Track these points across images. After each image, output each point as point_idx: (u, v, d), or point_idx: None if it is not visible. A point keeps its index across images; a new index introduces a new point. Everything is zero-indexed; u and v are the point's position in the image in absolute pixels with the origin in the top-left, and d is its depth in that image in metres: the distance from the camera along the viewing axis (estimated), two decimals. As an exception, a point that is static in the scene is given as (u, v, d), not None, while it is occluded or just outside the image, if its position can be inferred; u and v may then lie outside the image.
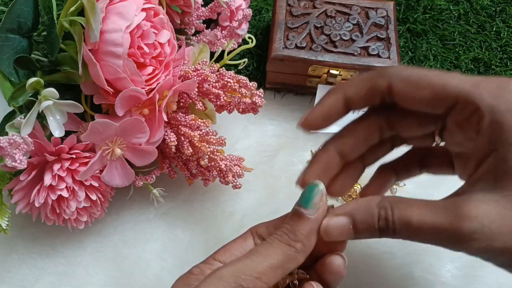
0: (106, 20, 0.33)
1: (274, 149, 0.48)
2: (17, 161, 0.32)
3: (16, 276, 0.41)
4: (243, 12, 0.46)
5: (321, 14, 0.49)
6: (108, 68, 0.33)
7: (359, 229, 0.29)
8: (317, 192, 0.30)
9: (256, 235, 0.34)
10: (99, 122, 0.33)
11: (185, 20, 0.44)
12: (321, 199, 0.30)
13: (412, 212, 0.28)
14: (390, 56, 0.47)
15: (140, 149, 0.36)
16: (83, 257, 0.42)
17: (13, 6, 0.35)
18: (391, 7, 0.50)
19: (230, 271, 0.28)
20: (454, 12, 0.57)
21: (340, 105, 0.32)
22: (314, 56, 0.46)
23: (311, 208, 0.29)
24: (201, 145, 0.38)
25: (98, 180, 0.37)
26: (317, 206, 0.30)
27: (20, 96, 0.34)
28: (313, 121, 0.33)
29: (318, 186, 0.30)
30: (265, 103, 0.40)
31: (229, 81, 0.39)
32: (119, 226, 0.44)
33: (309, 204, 0.30)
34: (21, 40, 0.36)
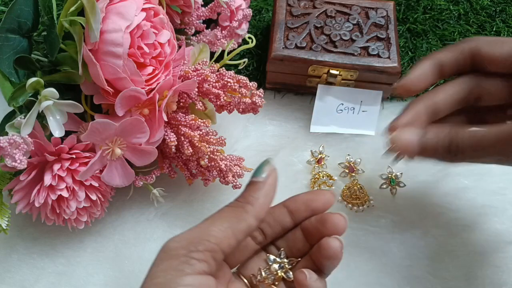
0: (106, 20, 0.33)
1: (274, 149, 0.48)
2: (17, 161, 0.32)
3: (16, 276, 0.41)
4: (243, 12, 0.46)
5: (321, 14, 0.49)
6: (108, 68, 0.33)
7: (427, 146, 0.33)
8: (267, 164, 0.32)
9: None
10: (99, 122, 0.33)
11: (185, 20, 0.44)
12: (270, 169, 0.32)
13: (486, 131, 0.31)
14: (390, 56, 0.47)
15: (140, 149, 0.36)
16: (83, 257, 0.42)
17: (13, 6, 0.35)
18: (391, 7, 0.50)
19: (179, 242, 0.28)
20: (454, 12, 0.57)
21: (434, 69, 0.36)
22: (314, 56, 0.46)
23: (260, 174, 0.31)
24: (201, 145, 0.38)
25: (98, 180, 0.37)
26: (265, 172, 0.32)
27: (20, 96, 0.34)
28: (409, 85, 0.36)
29: (269, 162, 0.32)
30: (265, 103, 0.40)
31: (229, 81, 0.39)
32: (119, 226, 0.44)
33: (258, 172, 0.32)
34: (21, 40, 0.36)
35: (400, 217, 0.45)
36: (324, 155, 0.48)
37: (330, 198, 0.34)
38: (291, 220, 0.34)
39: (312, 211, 0.34)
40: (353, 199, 0.45)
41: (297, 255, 0.34)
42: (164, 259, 0.28)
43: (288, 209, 0.34)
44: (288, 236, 0.35)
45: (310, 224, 0.33)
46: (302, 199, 0.34)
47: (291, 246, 0.34)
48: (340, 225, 0.32)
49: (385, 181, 0.46)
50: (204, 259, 0.27)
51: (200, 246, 0.28)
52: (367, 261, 0.43)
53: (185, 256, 0.27)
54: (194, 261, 0.27)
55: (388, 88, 0.49)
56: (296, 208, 0.34)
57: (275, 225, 0.34)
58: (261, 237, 0.34)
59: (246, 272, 0.34)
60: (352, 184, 0.46)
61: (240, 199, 0.31)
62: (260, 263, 0.34)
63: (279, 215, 0.34)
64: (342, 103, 0.49)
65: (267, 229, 0.34)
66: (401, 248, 0.43)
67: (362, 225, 0.44)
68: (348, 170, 0.47)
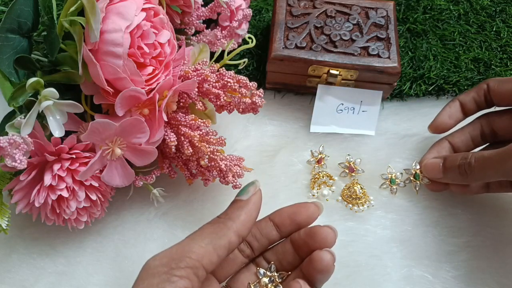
0: (106, 20, 0.33)
1: (274, 149, 0.48)
2: (17, 161, 0.32)
3: (16, 276, 0.41)
4: (243, 12, 0.46)
5: (321, 14, 0.49)
6: (108, 68, 0.33)
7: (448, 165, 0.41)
8: (252, 185, 0.33)
9: None
10: (99, 122, 0.33)
11: (185, 20, 0.44)
12: (254, 190, 0.33)
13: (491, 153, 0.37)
14: (390, 56, 0.47)
15: (140, 149, 0.36)
16: (83, 257, 0.42)
17: (13, 6, 0.35)
18: (391, 7, 0.50)
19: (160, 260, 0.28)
20: (454, 12, 0.57)
21: (457, 109, 0.44)
22: (314, 56, 0.46)
23: (244, 195, 0.33)
24: (201, 145, 0.38)
25: (98, 180, 0.37)
26: (250, 193, 0.33)
27: (20, 96, 0.34)
28: (439, 124, 0.44)
29: (255, 183, 0.33)
30: (265, 103, 0.40)
31: (229, 81, 0.39)
32: (119, 226, 0.44)
33: (242, 192, 0.33)
34: (21, 40, 0.36)
35: (400, 217, 0.45)
36: (324, 155, 0.48)
37: (315, 211, 0.34)
38: (277, 233, 0.35)
39: (297, 224, 0.34)
40: (353, 199, 0.45)
41: (287, 268, 0.34)
42: (145, 277, 0.28)
43: (273, 222, 0.35)
44: (277, 249, 0.35)
45: (299, 237, 0.34)
46: (286, 212, 0.35)
47: (281, 258, 0.35)
48: (329, 238, 0.32)
49: (385, 181, 0.46)
50: (185, 276, 0.27)
51: (181, 263, 0.28)
52: (367, 261, 0.43)
53: (166, 274, 0.27)
54: (176, 278, 0.27)
55: (388, 88, 0.49)
56: (281, 222, 0.34)
57: (261, 238, 0.35)
58: (249, 251, 0.35)
59: (236, 286, 0.34)
60: (352, 184, 0.46)
61: (221, 215, 0.32)
62: (250, 277, 0.34)
63: (265, 228, 0.35)
64: (342, 103, 0.49)
65: (254, 242, 0.35)
66: (401, 248, 0.43)
67: (362, 225, 0.44)
68: (348, 170, 0.47)
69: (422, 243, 0.44)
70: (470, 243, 0.44)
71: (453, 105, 0.44)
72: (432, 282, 0.42)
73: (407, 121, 0.51)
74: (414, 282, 0.42)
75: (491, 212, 0.45)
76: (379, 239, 0.44)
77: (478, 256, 0.43)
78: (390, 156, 0.48)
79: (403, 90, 0.52)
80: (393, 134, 0.50)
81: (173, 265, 0.28)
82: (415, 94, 0.52)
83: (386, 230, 0.44)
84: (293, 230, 0.34)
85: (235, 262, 0.34)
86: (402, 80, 0.52)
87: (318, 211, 0.34)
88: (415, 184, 0.46)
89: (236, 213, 0.31)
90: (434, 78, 0.52)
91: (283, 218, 0.34)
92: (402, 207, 0.45)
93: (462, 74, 0.53)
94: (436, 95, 0.53)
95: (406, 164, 0.48)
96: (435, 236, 0.44)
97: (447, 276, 0.42)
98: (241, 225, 0.31)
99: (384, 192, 0.46)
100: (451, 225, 0.44)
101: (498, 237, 0.44)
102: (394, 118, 0.51)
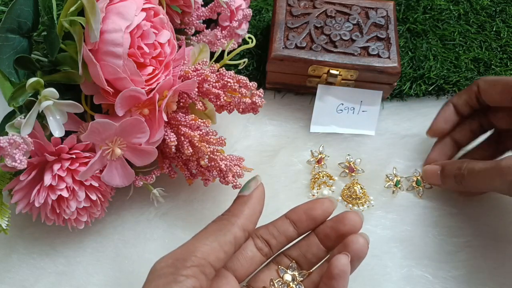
0: (106, 20, 0.33)
1: (274, 149, 0.48)
2: (17, 161, 0.32)
3: (16, 276, 0.41)
4: (243, 12, 0.46)
5: (321, 14, 0.49)
6: (108, 68, 0.33)
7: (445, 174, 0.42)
8: (254, 180, 0.34)
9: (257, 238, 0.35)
10: (99, 122, 0.33)
11: (185, 20, 0.44)
12: (256, 184, 0.34)
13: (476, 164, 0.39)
14: (390, 56, 0.47)
15: (140, 149, 0.36)
16: (83, 257, 0.42)
17: (13, 6, 0.35)
18: (391, 7, 0.50)
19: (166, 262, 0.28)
20: (454, 12, 0.57)
21: (452, 112, 0.45)
22: (314, 56, 0.46)
23: (246, 190, 0.33)
24: (201, 145, 0.38)
25: (98, 180, 0.37)
26: (251, 188, 0.33)
27: (20, 96, 0.34)
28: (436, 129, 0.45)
29: (256, 178, 0.34)
30: (265, 103, 0.40)
31: (229, 81, 0.39)
32: (119, 226, 0.44)
33: (244, 188, 0.34)
34: (21, 40, 0.36)
35: (400, 217, 0.45)
36: (324, 155, 0.48)
37: (329, 205, 0.35)
38: (294, 230, 0.35)
39: (313, 220, 0.35)
40: (353, 199, 0.45)
41: (312, 261, 0.35)
42: (152, 280, 0.28)
43: (290, 220, 0.35)
44: (301, 243, 0.36)
45: (326, 227, 0.34)
46: (302, 209, 0.35)
47: (305, 251, 0.35)
48: (358, 221, 0.34)
49: (390, 182, 0.46)
50: (192, 275, 0.27)
51: (187, 262, 0.28)
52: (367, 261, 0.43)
53: (172, 274, 0.27)
54: (182, 277, 0.27)
55: (388, 88, 0.49)
56: (297, 218, 0.35)
57: (279, 236, 0.35)
58: (267, 249, 0.35)
59: (257, 285, 0.34)
60: (352, 184, 0.46)
61: (225, 213, 0.32)
62: (271, 275, 0.35)
63: (281, 226, 0.35)
64: (342, 103, 0.49)
65: (272, 240, 0.35)
66: (401, 248, 0.43)
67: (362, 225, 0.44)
68: (348, 170, 0.47)
69: (422, 243, 0.44)
70: (470, 243, 0.44)
71: (447, 110, 0.45)
72: (432, 282, 0.42)
73: (407, 121, 0.51)
74: (414, 282, 0.42)
75: (491, 212, 0.45)
76: (379, 239, 0.44)
77: (478, 256, 0.43)
78: (390, 156, 0.48)
79: (403, 90, 0.52)
80: (393, 134, 0.50)
81: (179, 265, 0.28)
82: (415, 94, 0.52)
83: (386, 230, 0.44)
84: (309, 225, 0.35)
85: (254, 260, 0.34)
86: (402, 80, 0.52)
87: (333, 206, 0.35)
88: (418, 190, 0.46)
89: (239, 209, 0.32)
90: (434, 78, 0.52)
91: (299, 215, 0.35)
92: (402, 207, 0.45)
93: (462, 74, 0.53)
94: (436, 95, 0.53)
95: (407, 164, 0.48)
96: (435, 236, 0.44)
97: (447, 276, 0.42)
98: (245, 220, 0.31)
99: (384, 192, 0.46)
100: (451, 225, 0.44)
101: (498, 237, 0.44)
102: (394, 118, 0.51)
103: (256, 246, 0.35)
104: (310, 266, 0.35)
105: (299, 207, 0.35)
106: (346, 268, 0.30)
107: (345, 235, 0.33)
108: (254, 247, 0.35)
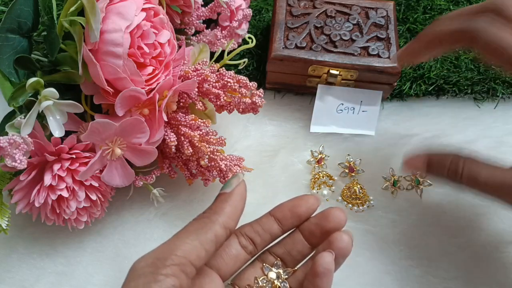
0: (106, 20, 0.33)
1: (274, 149, 0.48)
2: (17, 161, 0.32)
3: (16, 276, 0.41)
4: (243, 12, 0.46)
5: (321, 14, 0.49)
6: (108, 68, 0.33)
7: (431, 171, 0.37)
8: (235, 177, 0.33)
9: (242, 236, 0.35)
10: (99, 122, 0.33)
11: (185, 20, 0.44)
12: (238, 181, 0.33)
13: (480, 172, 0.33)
14: (390, 56, 0.47)
15: (140, 149, 0.36)
16: (83, 257, 0.42)
17: (13, 6, 0.35)
18: (391, 7, 0.50)
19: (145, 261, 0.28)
20: (454, 12, 0.57)
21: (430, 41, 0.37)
22: (314, 56, 0.46)
23: (227, 187, 0.33)
24: (201, 145, 0.38)
25: (98, 180, 0.37)
26: (233, 185, 0.33)
27: (20, 96, 0.34)
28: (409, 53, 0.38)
29: (238, 175, 0.34)
30: (265, 103, 0.40)
31: (229, 81, 0.39)
32: (119, 226, 0.44)
33: (226, 186, 0.33)
34: (21, 40, 0.36)
35: (400, 217, 0.45)
36: (324, 155, 0.48)
37: (314, 202, 0.35)
38: (279, 228, 0.35)
39: (298, 217, 0.34)
40: (353, 199, 0.45)
41: (297, 258, 0.35)
42: (131, 279, 0.27)
43: (274, 217, 0.35)
44: (286, 241, 0.35)
45: (311, 224, 0.34)
46: (286, 206, 0.35)
47: (290, 249, 0.35)
48: (342, 218, 0.33)
49: (387, 183, 0.46)
50: (172, 274, 0.27)
51: (167, 261, 0.27)
52: (367, 261, 0.43)
53: (152, 274, 0.27)
54: (162, 276, 0.27)
55: (388, 88, 0.49)
56: (282, 216, 0.35)
57: (264, 233, 0.35)
58: (252, 247, 0.35)
59: (242, 284, 0.34)
60: (352, 184, 0.46)
61: (206, 211, 0.32)
62: (256, 273, 0.34)
63: (266, 224, 0.35)
64: (342, 103, 0.49)
65: (257, 238, 0.35)
66: (401, 248, 0.43)
67: (362, 225, 0.44)
68: (348, 170, 0.47)
69: (422, 243, 0.44)
70: (470, 243, 0.44)
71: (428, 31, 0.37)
72: (432, 282, 0.42)
73: (407, 121, 0.51)
74: (414, 282, 0.42)
75: (491, 212, 0.45)
76: (379, 239, 0.44)
77: (478, 256, 0.43)
78: (390, 156, 0.48)
79: (403, 90, 0.52)
80: (393, 134, 0.50)
81: (159, 264, 0.27)
82: (415, 94, 0.52)
83: (386, 230, 0.44)
84: (294, 223, 0.35)
85: (238, 258, 0.34)
86: (402, 80, 0.52)
87: (317, 202, 0.35)
88: (417, 189, 0.46)
89: (220, 206, 0.31)
90: (434, 78, 0.52)
91: (284, 212, 0.35)
92: (402, 207, 0.45)
93: (462, 74, 0.53)
94: (436, 95, 0.53)
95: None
96: (435, 236, 0.44)
97: (447, 276, 0.42)
98: (226, 218, 0.31)
99: (384, 192, 0.46)
100: (451, 225, 0.44)
101: (498, 237, 0.44)
102: (394, 118, 0.51)
103: (241, 244, 0.34)
104: (295, 264, 0.35)
105: (284, 204, 0.35)
106: (330, 266, 0.30)
107: (330, 232, 0.33)
108: (238, 245, 0.34)
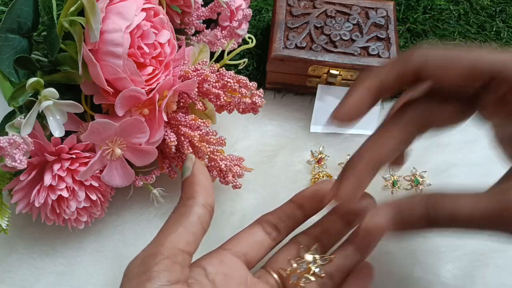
0: (106, 20, 0.33)
1: (274, 149, 0.48)
2: (17, 161, 0.32)
3: (16, 276, 0.41)
4: (243, 12, 0.46)
5: (321, 14, 0.49)
6: (108, 68, 0.33)
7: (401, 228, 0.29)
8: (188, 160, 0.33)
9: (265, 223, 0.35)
10: (99, 122, 0.33)
11: (185, 20, 0.44)
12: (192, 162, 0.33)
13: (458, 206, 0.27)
14: (390, 56, 0.47)
15: (140, 149, 0.36)
16: (83, 257, 0.42)
17: (13, 6, 0.35)
18: (391, 7, 0.50)
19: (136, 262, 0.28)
20: (454, 12, 0.57)
21: (372, 92, 0.30)
22: (314, 56, 0.46)
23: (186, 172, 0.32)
24: (201, 145, 0.38)
25: (98, 180, 0.37)
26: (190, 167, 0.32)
27: (20, 96, 0.34)
28: (347, 113, 0.31)
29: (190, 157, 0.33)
30: (265, 103, 0.40)
31: (229, 81, 0.39)
32: (119, 226, 0.44)
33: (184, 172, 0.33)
34: (21, 40, 0.36)
35: (400, 217, 0.45)
36: (324, 155, 0.48)
37: None
38: (301, 213, 0.36)
39: (319, 200, 0.35)
40: (353, 199, 0.45)
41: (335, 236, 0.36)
42: (126, 283, 0.27)
43: (296, 204, 0.36)
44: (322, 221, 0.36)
45: None
46: (307, 191, 0.36)
47: (329, 227, 0.36)
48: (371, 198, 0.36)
49: (387, 182, 0.46)
50: (164, 269, 0.27)
51: (157, 257, 0.27)
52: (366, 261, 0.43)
53: (144, 273, 0.27)
54: (154, 273, 0.26)
55: (388, 88, 0.49)
56: (304, 201, 0.36)
57: (287, 219, 0.35)
58: (275, 233, 0.35)
59: (275, 266, 0.35)
60: (352, 184, 0.46)
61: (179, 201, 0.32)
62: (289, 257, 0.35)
63: (288, 210, 0.36)
64: (342, 103, 0.49)
65: (280, 224, 0.35)
66: (401, 248, 0.43)
67: (362, 225, 0.44)
68: (348, 170, 0.47)
69: (422, 243, 0.44)
70: (470, 243, 0.43)
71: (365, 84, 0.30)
72: (432, 282, 0.42)
73: (407, 121, 0.51)
74: (414, 282, 0.42)
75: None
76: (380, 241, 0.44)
77: (478, 256, 0.43)
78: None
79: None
80: (393, 134, 0.50)
81: (150, 262, 0.27)
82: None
83: (386, 230, 0.44)
84: (316, 207, 0.36)
85: (263, 245, 0.35)
86: (402, 80, 0.52)
87: None
88: (416, 189, 0.46)
89: (189, 191, 0.31)
90: (434, 78, 0.52)
91: (305, 197, 0.36)
92: (402, 207, 0.45)
93: (462, 74, 0.53)
94: (436, 95, 0.53)
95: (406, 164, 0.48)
96: (435, 236, 0.44)
97: (447, 276, 0.42)
98: (201, 196, 0.31)
99: (384, 192, 0.46)
100: (451, 225, 0.44)
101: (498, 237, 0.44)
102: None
103: (265, 231, 0.35)
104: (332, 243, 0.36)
105: (304, 191, 0.36)
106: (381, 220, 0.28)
107: None
108: (262, 232, 0.35)
